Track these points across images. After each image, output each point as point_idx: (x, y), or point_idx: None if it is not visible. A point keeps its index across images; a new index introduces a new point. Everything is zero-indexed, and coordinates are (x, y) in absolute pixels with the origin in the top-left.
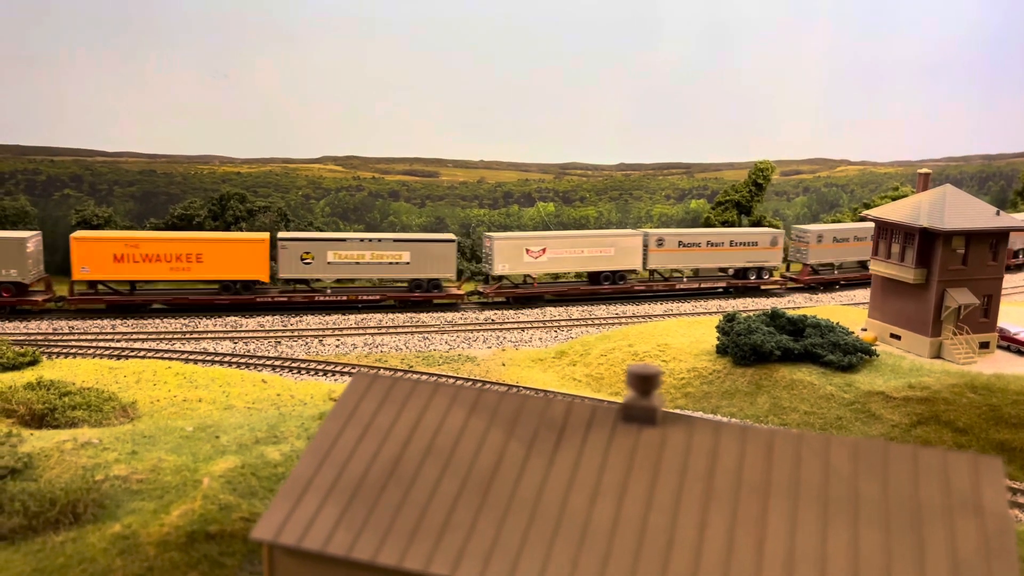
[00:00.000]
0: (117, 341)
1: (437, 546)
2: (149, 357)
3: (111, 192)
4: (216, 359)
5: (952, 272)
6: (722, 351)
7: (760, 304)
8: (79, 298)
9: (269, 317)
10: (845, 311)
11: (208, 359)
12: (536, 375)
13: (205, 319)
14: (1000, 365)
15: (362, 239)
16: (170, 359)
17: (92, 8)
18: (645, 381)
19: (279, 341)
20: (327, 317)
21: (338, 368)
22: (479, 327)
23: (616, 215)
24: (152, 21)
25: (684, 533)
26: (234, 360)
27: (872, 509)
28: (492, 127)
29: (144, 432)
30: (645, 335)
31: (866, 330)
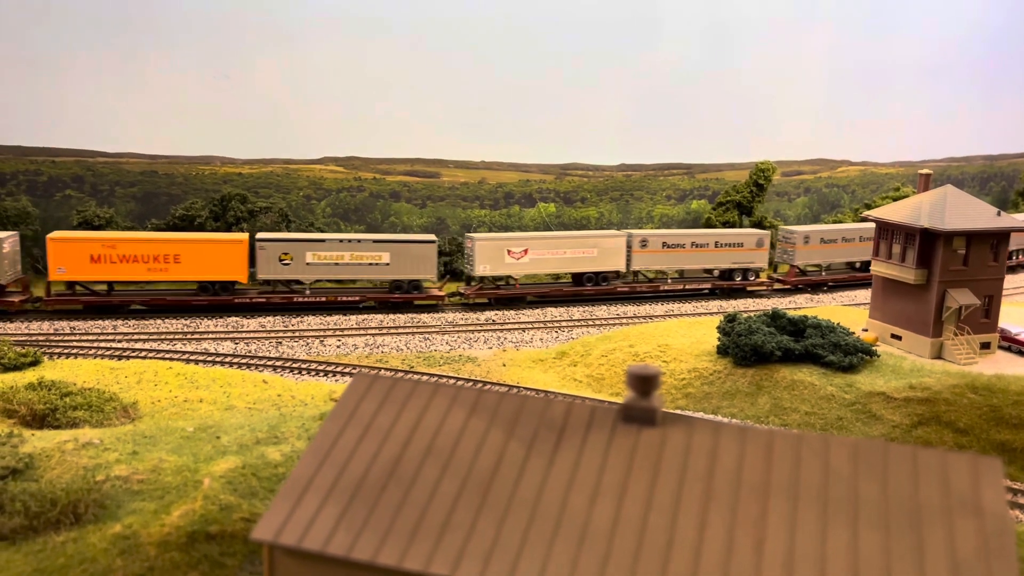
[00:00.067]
0: (118, 342)
1: (437, 546)
2: (150, 357)
3: (112, 193)
4: (217, 359)
5: (953, 273)
6: (723, 352)
7: (761, 305)
8: (56, 299)
9: (270, 318)
10: (846, 312)
11: (209, 359)
12: (537, 375)
13: (207, 319)
14: (1001, 366)
15: (341, 240)
16: (171, 359)
17: (93, 9)
18: (645, 382)
19: (280, 342)
20: (328, 318)
21: (339, 369)
22: (480, 327)
23: (617, 216)
24: (153, 22)
25: (684, 533)
26: (235, 361)
27: (872, 510)
28: (493, 128)
29: (145, 432)
30: (646, 336)
31: (867, 331)
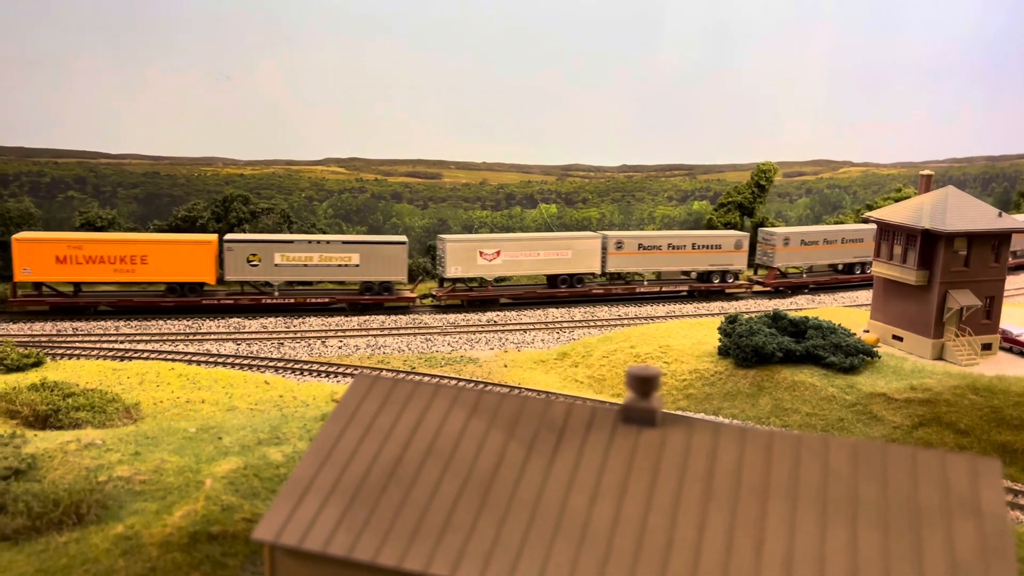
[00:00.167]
0: (121, 342)
1: (437, 547)
2: (152, 358)
3: (115, 194)
4: (219, 360)
5: (954, 274)
6: (724, 353)
7: (763, 306)
8: (22, 299)
9: (272, 319)
10: (847, 313)
11: (211, 360)
12: (538, 376)
13: (209, 320)
14: (1002, 367)
15: (310, 241)
16: (173, 360)
17: (95, 11)
18: (645, 383)
19: (282, 343)
20: (330, 319)
21: (340, 370)
22: (482, 328)
23: (619, 217)
24: (155, 23)
25: (683, 534)
26: (237, 361)
27: (871, 510)
28: (494, 129)
29: (147, 433)
30: (647, 336)
31: (868, 332)
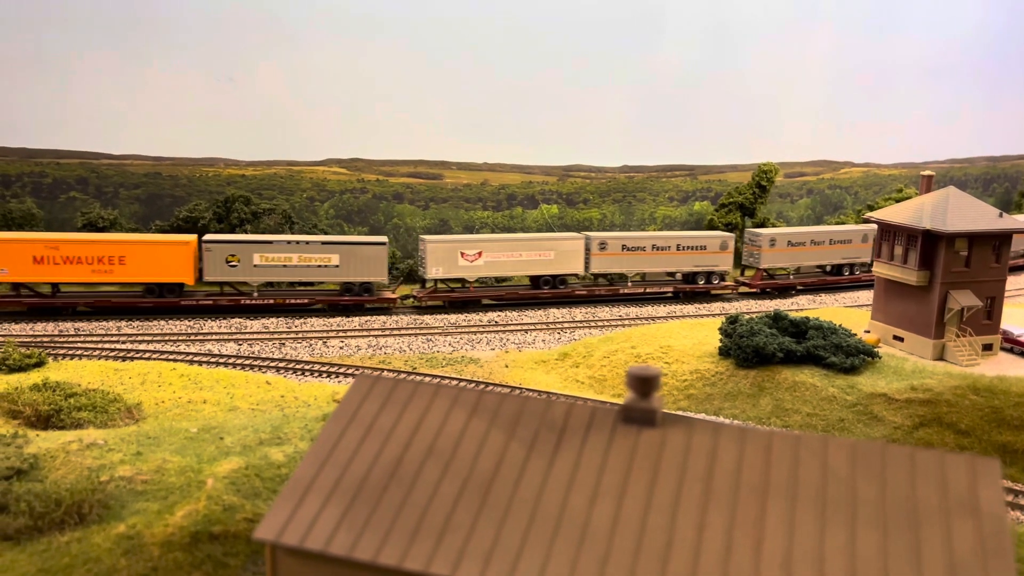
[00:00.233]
0: (122, 343)
1: (438, 546)
2: (154, 359)
3: (116, 195)
4: (221, 360)
5: (955, 274)
6: (725, 353)
7: (764, 306)
8: (0, 300)
9: (274, 319)
10: (848, 313)
11: (213, 361)
12: (539, 377)
13: (210, 320)
14: (1003, 367)
15: (289, 241)
16: (175, 361)
17: (97, 12)
18: (645, 383)
19: (283, 343)
20: (331, 319)
21: (342, 370)
22: (483, 329)
23: (620, 217)
24: (157, 25)
25: (683, 534)
26: (238, 362)
27: (870, 510)
28: (496, 129)
29: (149, 433)
30: (648, 337)
31: (869, 332)
